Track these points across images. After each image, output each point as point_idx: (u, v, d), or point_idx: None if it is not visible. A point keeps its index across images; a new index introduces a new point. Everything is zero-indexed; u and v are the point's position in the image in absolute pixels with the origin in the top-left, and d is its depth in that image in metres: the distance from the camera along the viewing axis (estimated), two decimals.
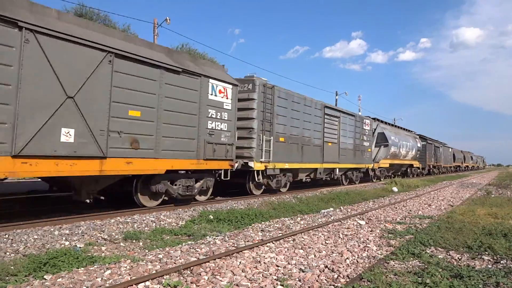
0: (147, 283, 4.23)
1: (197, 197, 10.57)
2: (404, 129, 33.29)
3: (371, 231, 7.74)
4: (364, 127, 21.12)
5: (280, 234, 7.10)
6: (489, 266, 5.20)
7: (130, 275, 4.52)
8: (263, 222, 8.46)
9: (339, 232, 7.51)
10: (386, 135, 24.11)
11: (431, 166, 40.05)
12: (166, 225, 7.84)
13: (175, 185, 9.39)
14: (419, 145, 33.41)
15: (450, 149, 55.05)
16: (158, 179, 8.95)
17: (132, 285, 4.13)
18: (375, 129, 23.64)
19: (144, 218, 8.09)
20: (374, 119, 24.74)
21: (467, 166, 77.55)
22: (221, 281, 4.41)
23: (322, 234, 7.30)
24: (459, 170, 65.88)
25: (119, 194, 9.53)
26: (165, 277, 4.46)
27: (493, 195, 16.19)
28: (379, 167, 24.37)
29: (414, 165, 33.07)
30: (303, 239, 6.80)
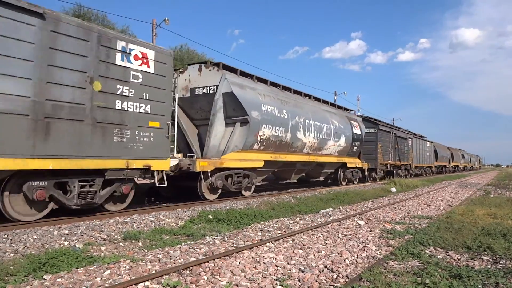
0: (147, 283, 4.23)
1: None
2: (318, 99, 17.97)
3: (370, 231, 7.74)
4: (119, 63, 8.31)
5: (280, 234, 7.10)
6: (488, 266, 5.21)
7: (129, 275, 4.52)
8: (262, 222, 8.46)
9: (338, 232, 7.51)
10: (241, 100, 11.63)
11: (389, 165, 26.12)
12: (165, 225, 7.84)
13: None
14: (357, 131, 20.12)
15: (428, 143, 40.81)
16: None
17: (131, 285, 4.13)
18: (216, 86, 11.65)
19: (143, 218, 8.09)
20: (217, 65, 12.07)
21: (457, 166, 62.56)
22: (221, 281, 4.41)
23: (321, 234, 7.30)
24: (445, 171, 51.04)
25: None
26: (164, 277, 4.46)
27: (492, 195, 16.21)
28: (219, 168, 11.39)
29: (349, 165, 19.75)
30: (302, 239, 6.80)
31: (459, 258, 5.64)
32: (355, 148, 20.09)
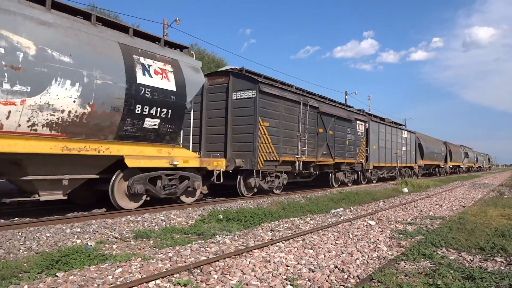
0: (158, 281, 4.26)
1: None
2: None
3: (381, 231, 7.69)
4: None
5: (290, 234, 7.09)
6: (502, 268, 5.13)
7: (140, 273, 4.56)
8: (272, 222, 8.46)
9: (349, 232, 7.47)
10: None
11: (299, 165, 13.86)
12: (176, 224, 7.88)
13: None
14: (165, 85, 9.18)
15: (405, 133, 28.02)
16: None
17: (142, 283, 4.16)
18: None
19: (154, 217, 8.14)
20: None
21: (458, 167, 48.37)
22: (231, 280, 4.42)
23: (332, 234, 7.27)
24: (438, 174, 39.38)
25: None
26: (175, 275, 4.48)
27: (506, 196, 15.95)
28: None
29: (133, 164, 8.59)
30: (312, 239, 6.78)
31: (471, 259, 5.57)
32: (164, 125, 9.31)
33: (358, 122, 19.26)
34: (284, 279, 4.54)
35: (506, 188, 22.21)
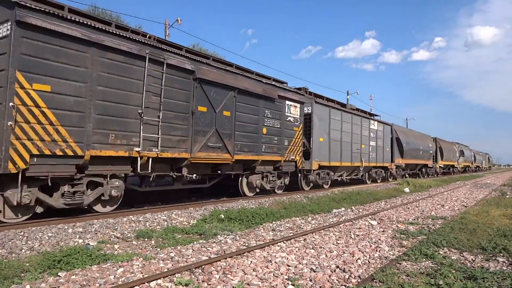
0: (159, 281, 4.27)
1: None
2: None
3: (383, 231, 7.68)
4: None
5: (291, 234, 7.09)
6: (504, 268, 5.12)
7: (142, 273, 4.57)
8: (274, 222, 8.47)
9: (350, 232, 7.47)
10: None
11: (147, 162, 8.32)
12: (177, 224, 7.89)
13: None
14: None
15: (375, 123, 21.42)
16: None
17: (144, 283, 4.17)
18: None
19: (156, 217, 8.16)
20: None
21: (452, 166, 42.35)
22: (232, 280, 4.42)
23: (333, 234, 7.27)
24: (426, 175, 33.00)
25: None
26: (176, 275, 4.49)
27: (508, 196, 15.91)
28: None
29: None
30: (314, 239, 6.78)
31: (473, 259, 5.56)
32: None
33: (288, 102, 13.26)
34: (286, 279, 4.55)
35: (508, 188, 22.15)
